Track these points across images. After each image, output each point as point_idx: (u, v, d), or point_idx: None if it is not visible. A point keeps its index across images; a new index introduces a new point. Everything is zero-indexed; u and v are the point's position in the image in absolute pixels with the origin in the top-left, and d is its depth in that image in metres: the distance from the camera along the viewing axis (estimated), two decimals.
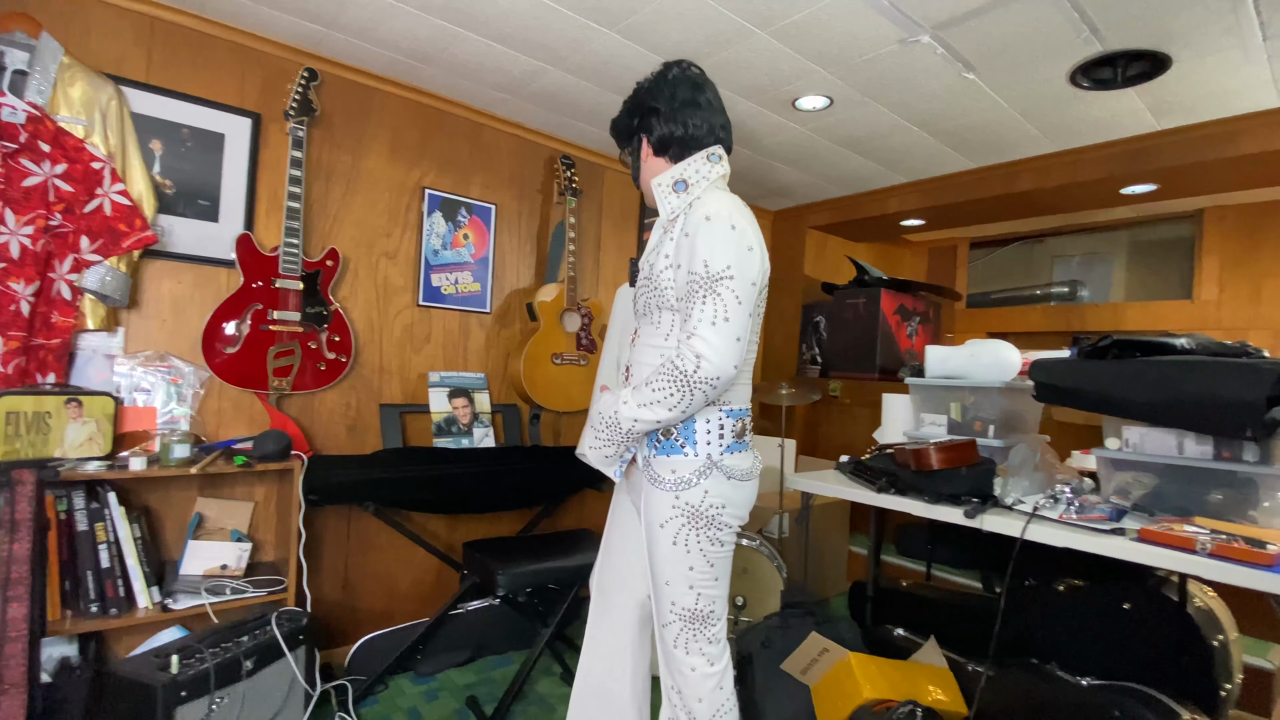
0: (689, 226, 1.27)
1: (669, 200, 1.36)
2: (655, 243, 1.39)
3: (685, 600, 1.33)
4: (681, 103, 1.38)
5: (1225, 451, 1.56)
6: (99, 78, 1.88)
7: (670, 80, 1.41)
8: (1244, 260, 3.27)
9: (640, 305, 1.40)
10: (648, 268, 1.37)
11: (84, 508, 1.74)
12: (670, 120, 1.38)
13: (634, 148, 1.48)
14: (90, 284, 1.85)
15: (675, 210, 1.35)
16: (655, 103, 1.40)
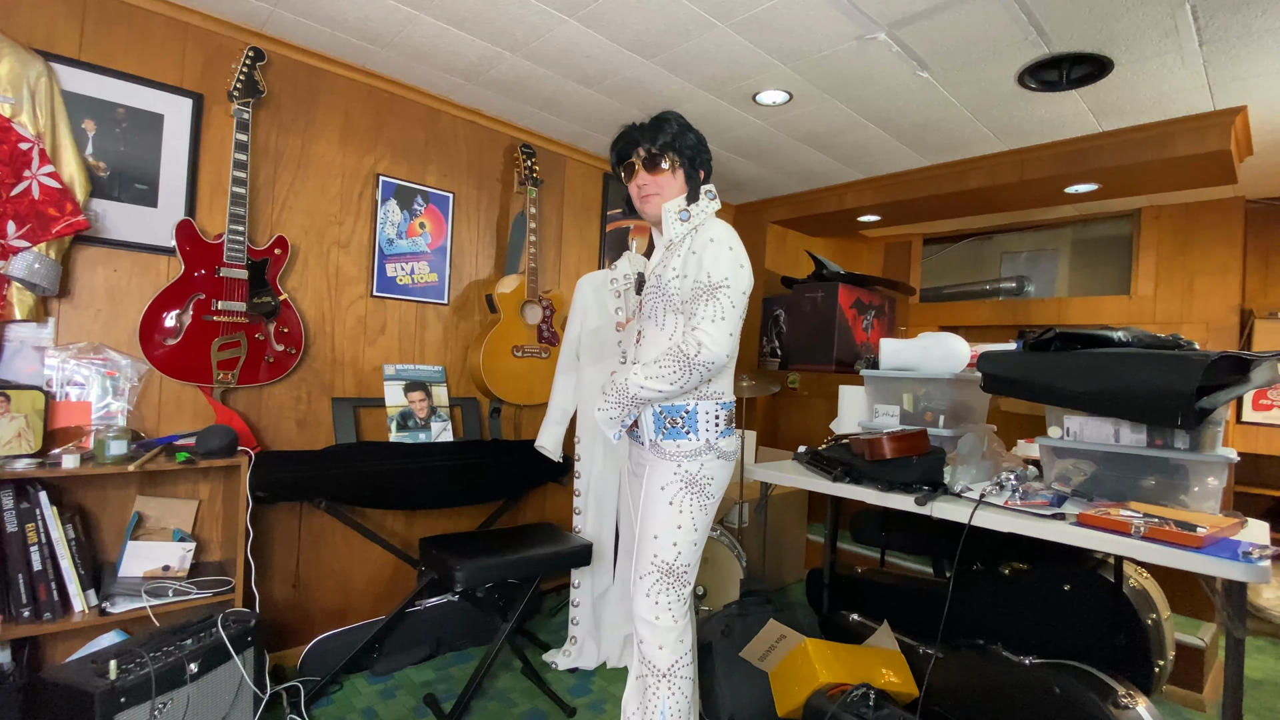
0: (696, 246, 1.57)
1: (674, 225, 1.64)
2: (659, 259, 1.68)
3: (666, 554, 1.58)
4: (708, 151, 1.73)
5: (1158, 439, 1.64)
6: (27, 53, 1.77)
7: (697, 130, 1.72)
8: (1177, 258, 3.43)
9: (647, 310, 1.68)
10: (655, 279, 1.66)
11: (13, 508, 1.65)
12: (708, 167, 1.72)
13: (673, 166, 1.64)
14: (17, 271, 1.74)
15: (679, 235, 1.63)
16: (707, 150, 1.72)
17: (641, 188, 1.68)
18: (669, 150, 1.64)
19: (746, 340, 4.19)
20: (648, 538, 1.60)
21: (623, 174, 1.73)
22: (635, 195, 1.71)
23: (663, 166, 1.64)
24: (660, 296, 1.63)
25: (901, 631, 2.02)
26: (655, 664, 1.57)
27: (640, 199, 1.69)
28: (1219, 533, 1.37)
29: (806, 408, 4.38)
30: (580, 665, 2.48)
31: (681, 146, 1.65)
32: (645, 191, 1.67)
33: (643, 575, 1.60)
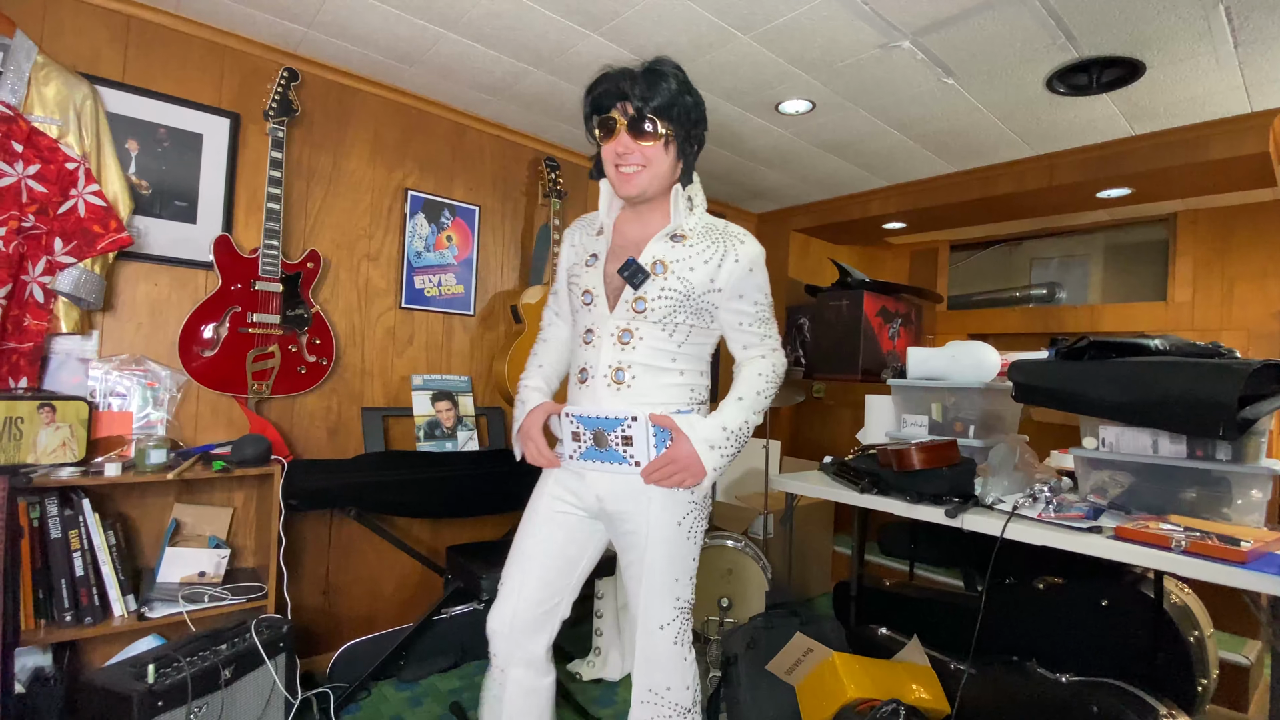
0: (743, 259, 1.37)
1: (681, 214, 1.38)
2: (663, 251, 1.36)
3: (687, 593, 1.42)
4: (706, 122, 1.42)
5: (1199, 450, 1.59)
6: (74, 77, 1.85)
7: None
8: (1216, 263, 3.33)
9: (654, 310, 1.35)
10: (676, 280, 1.34)
11: (57, 515, 1.71)
12: (703, 142, 1.41)
13: (668, 136, 1.32)
14: (64, 286, 1.81)
15: (686, 227, 1.38)
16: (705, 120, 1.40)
17: (622, 156, 1.32)
18: (664, 116, 1.29)
19: None
20: (668, 581, 1.38)
21: (597, 130, 1.35)
22: (610, 160, 1.35)
23: (654, 133, 1.30)
24: (682, 299, 1.35)
25: (932, 646, 1.98)
26: (684, 703, 1.40)
27: (617, 170, 1.34)
28: (1264, 547, 1.32)
29: (832, 417, 4.34)
30: (605, 676, 2.47)
31: (680, 113, 1.32)
32: (629, 161, 1.31)
33: (666, 625, 1.38)
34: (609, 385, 1.36)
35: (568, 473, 1.45)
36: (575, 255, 1.50)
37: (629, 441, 1.34)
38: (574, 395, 1.44)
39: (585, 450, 1.39)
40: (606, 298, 1.39)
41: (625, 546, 1.43)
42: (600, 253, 1.43)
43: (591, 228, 1.50)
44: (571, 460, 1.42)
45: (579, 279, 1.45)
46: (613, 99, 1.31)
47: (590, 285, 1.41)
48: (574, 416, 1.39)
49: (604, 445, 1.37)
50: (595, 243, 1.46)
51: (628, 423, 1.33)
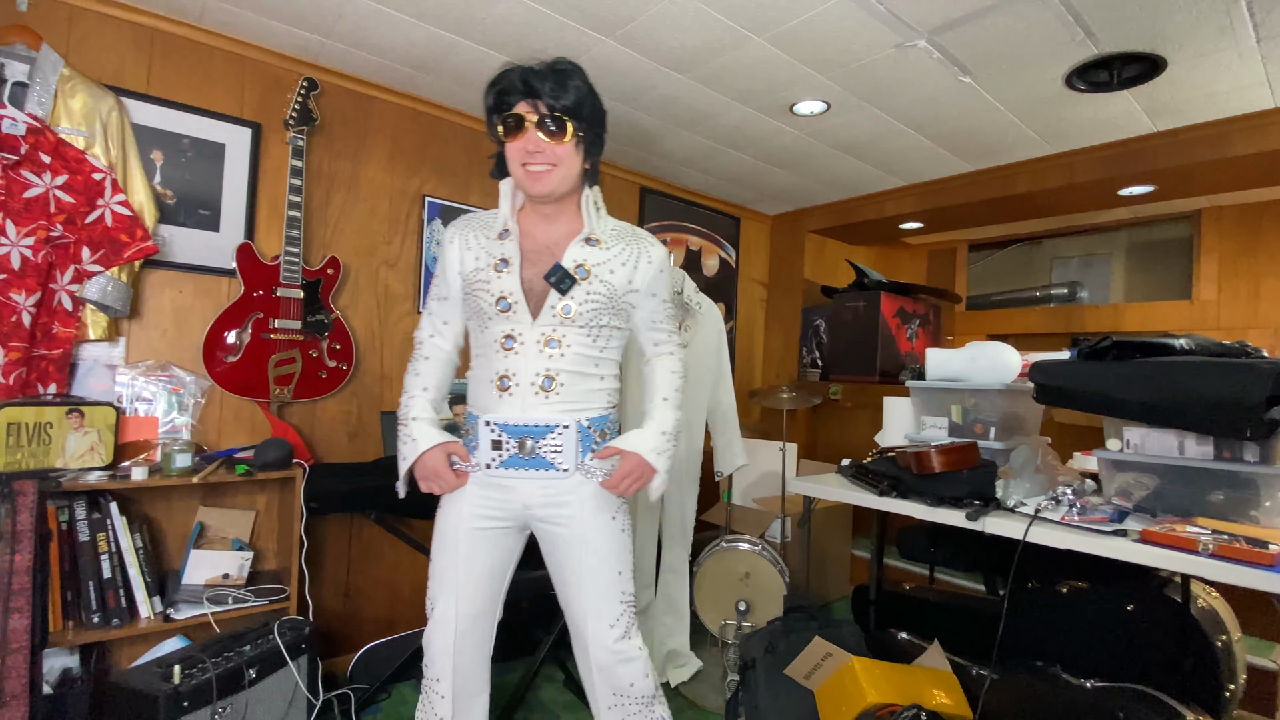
0: (655, 260, 1.44)
1: (594, 218, 1.42)
2: (584, 256, 1.38)
3: (630, 586, 1.45)
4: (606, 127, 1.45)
5: (1226, 452, 1.56)
6: (99, 89, 1.89)
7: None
8: (1242, 260, 3.27)
9: (581, 314, 1.35)
10: (599, 283, 1.37)
11: (85, 518, 1.74)
12: (603, 145, 1.45)
13: (576, 138, 1.33)
14: (91, 294, 1.85)
15: (599, 231, 1.42)
16: (606, 122, 1.42)
17: (532, 154, 1.30)
18: (575, 115, 1.29)
19: (786, 351, 4.15)
20: (612, 576, 1.40)
21: (500, 127, 1.33)
22: (517, 159, 1.32)
23: (565, 132, 1.29)
24: (607, 302, 1.37)
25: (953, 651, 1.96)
26: (648, 692, 1.43)
27: (527, 169, 1.32)
28: None
29: (849, 420, 4.31)
30: None
31: (590, 115, 1.32)
32: (539, 159, 1.30)
33: (614, 622, 1.40)
34: (537, 393, 1.35)
35: (485, 486, 1.40)
36: (475, 260, 1.40)
37: (558, 449, 1.36)
38: (491, 403, 1.37)
39: (508, 458, 1.36)
40: (528, 304, 1.36)
41: (557, 550, 1.43)
42: (511, 257, 1.38)
43: (488, 230, 1.43)
44: (489, 469, 1.38)
45: (487, 285, 1.37)
46: (519, 96, 1.29)
47: (506, 291, 1.35)
48: (497, 425, 1.35)
49: (531, 453, 1.35)
50: (500, 246, 1.40)
51: (558, 430, 1.35)
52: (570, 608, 1.44)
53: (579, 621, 1.42)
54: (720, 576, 2.65)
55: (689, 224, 3.73)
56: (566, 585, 1.43)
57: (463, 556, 1.41)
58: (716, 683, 2.52)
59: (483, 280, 1.38)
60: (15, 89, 1.77)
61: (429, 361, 1.52)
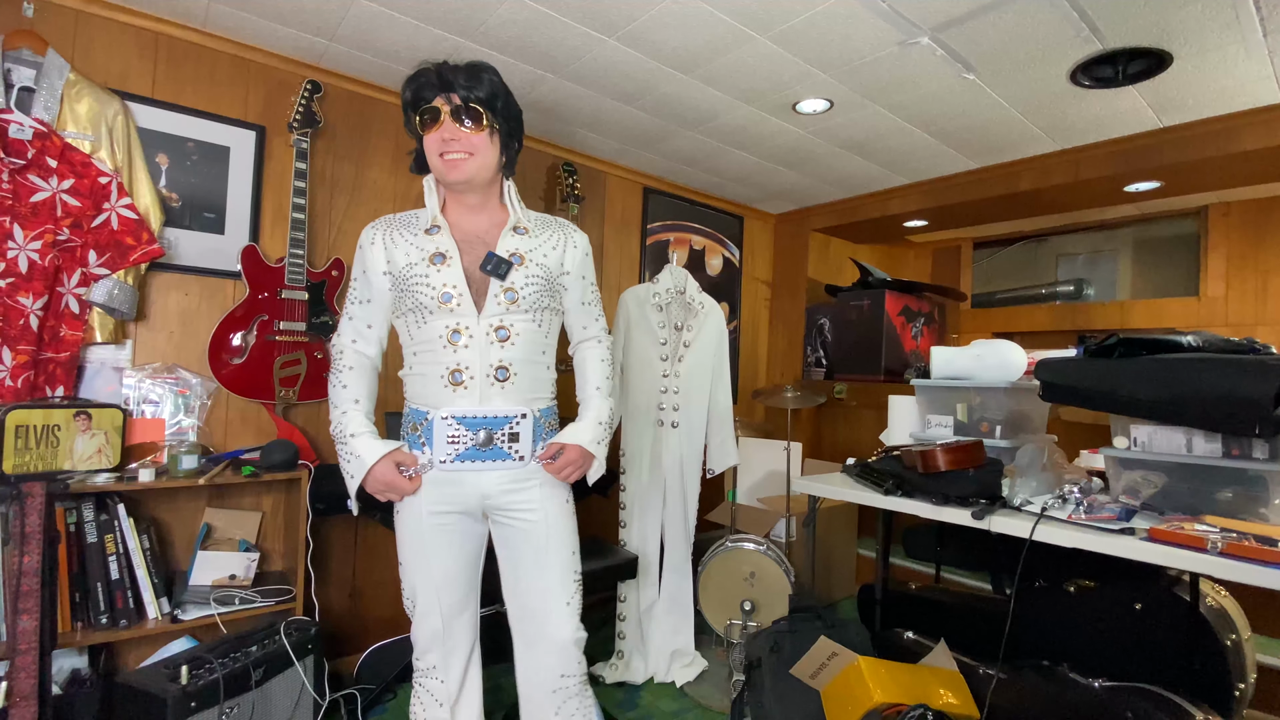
0: (580, 244, 1.52)
1: (516, 208, 1.48)
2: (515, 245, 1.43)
3: (578, 565, 1.52)
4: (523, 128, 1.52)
5: (1234, 449, 1.55)
6: (105, 93, 1.90)
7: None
8: (1249, 256, 3.25)
9: (525, 298, 1.39)
10: (535, 266, 1.42)
11: (93, 520, 1.75)
12: (520, 143, 1.51)
13: (491, 129, 1.37)
14: (98, 298, 1.86)
15: (525, 220, 1.47)
16: (521, 121, 1.48)
17: (448, 142, 1.34)
18: (488, 107, 1.34)
19: (790, 350, 4.15)
20: (566, 557, 1.47)
21: (418, 119, 1.37)
22: (435, 149, 1.35)
23: (479, 123, 1.34)
24: (546, 288, 1.43)
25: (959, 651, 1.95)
26: (584, 672, 1.50)
27: (444, 158, 1.35)
28: None
29: (854, 419, 4.30)
30: (627, 679, 2.47)
31: (504, 108, 1.38)
32: (455, 148, 1.34)
33: (570, 600, 1.46)
34: (493, 384, 1.38)
35: (440, 483, 1.41)
36: (405, 255, 1.40)
37: (515, 438, 1.40)
38: (443, 398, 1.38)
39: (464, 451, 1.38)
40: (472, 296, 1.37)
41: (519, 536, 1.46)
42: (448, 250, 1.39)
43: (412, 226, 1.44)
44: (444, 465, 1.39)
45: (426, 279, 1.37)
46: (434, 90, 1.34)
47: (449, 283, 1.36)
48: (454, 419, 1.37)
49: (489, 444, 1.38)
50: (430, 241, 1.40)
51: (516, 420, 1.40)
52: (529, 593, 1.46)
53: (539, 605, 1.45)
54: (725, 576, 2.65)
55: (693, 224, 3.73)
56: (526, 572, 1.46)
57: (430, 553, 1.43)
58: (722, 682, 2.51)
59: (419, 275, 1.38)
60: (22, 94, 1.78)
61: (354, 371, 1.49)
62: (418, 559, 1.45)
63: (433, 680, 1.48)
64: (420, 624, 1.47)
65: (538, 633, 1.46)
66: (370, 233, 1.45)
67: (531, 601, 1.46)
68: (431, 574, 1.44)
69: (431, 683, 1.48)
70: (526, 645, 1.50)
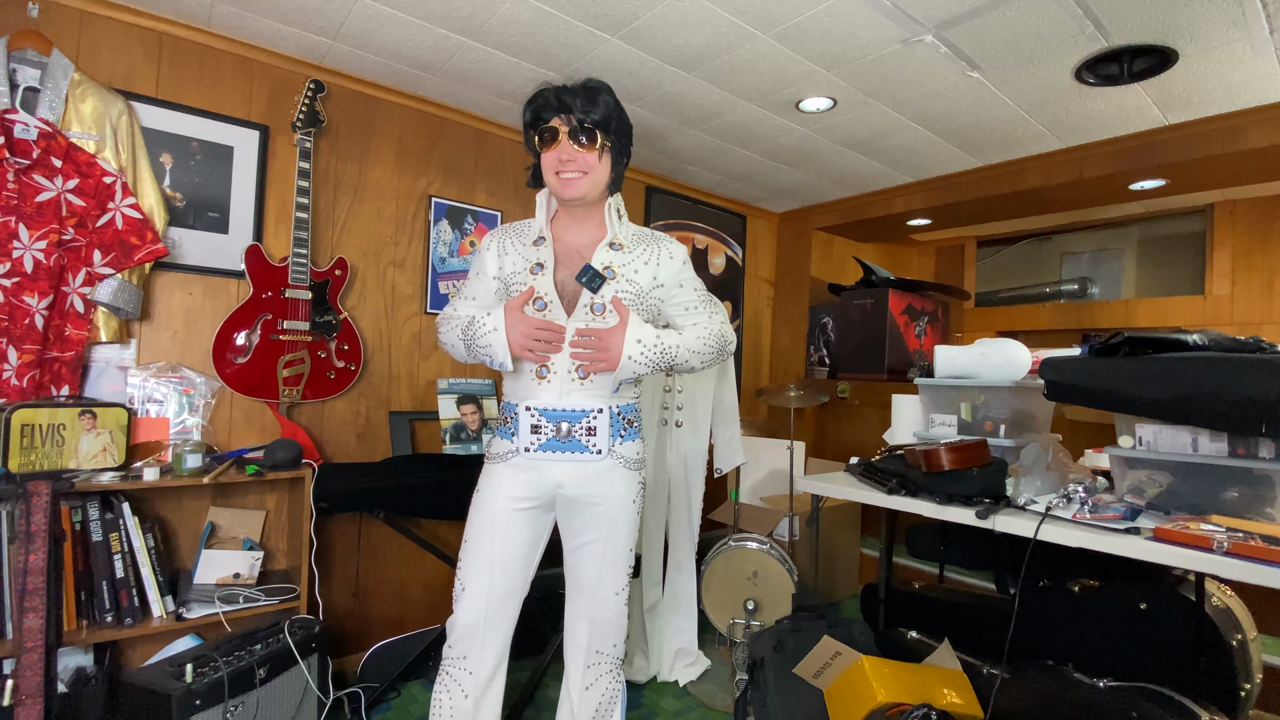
0: (676, 255, 1.56)
1: (616, 224, 1.54)
2: (610, 259, 1.50)
3: (633, 560, 1.59)
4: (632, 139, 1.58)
5: (1240, 448, 1.54)
6: (109, 93, 1.91)
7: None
8: (1256, 254, 3.23)
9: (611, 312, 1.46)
10: (626, 282, 1.49)
11: (98, 518, 1.76)
12: (630, 156, 1.56)
13: (603, 149, 1.45)
14: (103, 297, 1.87)
15: (622, 236, 1.53)
16: (632, 135, 1.55)
17: (565, 162, 1.43)
18: (603, 128, 1.43)
19: (793, 349, 4.14)
20: (624, 552, 1.54)
21: (537, 139, 1.46)
22: (551, 167, 1.45)
23: (593, 143, 1.42)
24: (635, 300, 1.50)
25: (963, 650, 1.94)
26: (621, 654, 1.58)
27: (560, 175, 1.44)
28: None
29: (857, 418, 4.29)
30: (630, 679, 2.47)
31: (617, 127, 1.46)
32: (571, 167, 1.43)
33: (620, 590, 1.55)
34: (573, 381, 1.46)
35: (519, 469, 1.49)
36: (513, 263, 1.51)
37: (592, 432, 1.46)
38: (529, 390, 1.47)
39: (545, 442, 1.46)
40: (562, 302, 1.46)
41: (586, 527, 1.52)
42: (546, 261, 1.49)
43: (524, 236, 1.55)
44: (528, 453, 1.46)
45: (523, 285, 1.48)
46: (553, 111, 1.42)
47: (542, 291, 1.46)
48: (536, 410, 1.45)
49: (568, 436, 1.46)
50: (535, 251, 1.51)
51: (593, 415, 1.46)
52: (584, 572, 1.54)
53: (591, 584, 1.53)
54: (728, 575, 2.65)
55: (695, 222, 3.72)
56: (589, 552, 1.53)
57: (500, 536, 1.49)
58: (725, 682, 2.51)
59: (520, 283, 1.49)
60: (27, 94, 1.79)
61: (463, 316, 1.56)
62: (485, 538, 1.50)
63: (461, 671, 1.51)
64: (463, 611, 1.51)
65: (585, 609, 1.54)
66: (489, 239, 1.57)
67: (586, 582, 1.54)
68: (494, 555, 1.49)
69: (459, 673, 1.51)
70: (574, 619, 1.58)
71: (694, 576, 2.62)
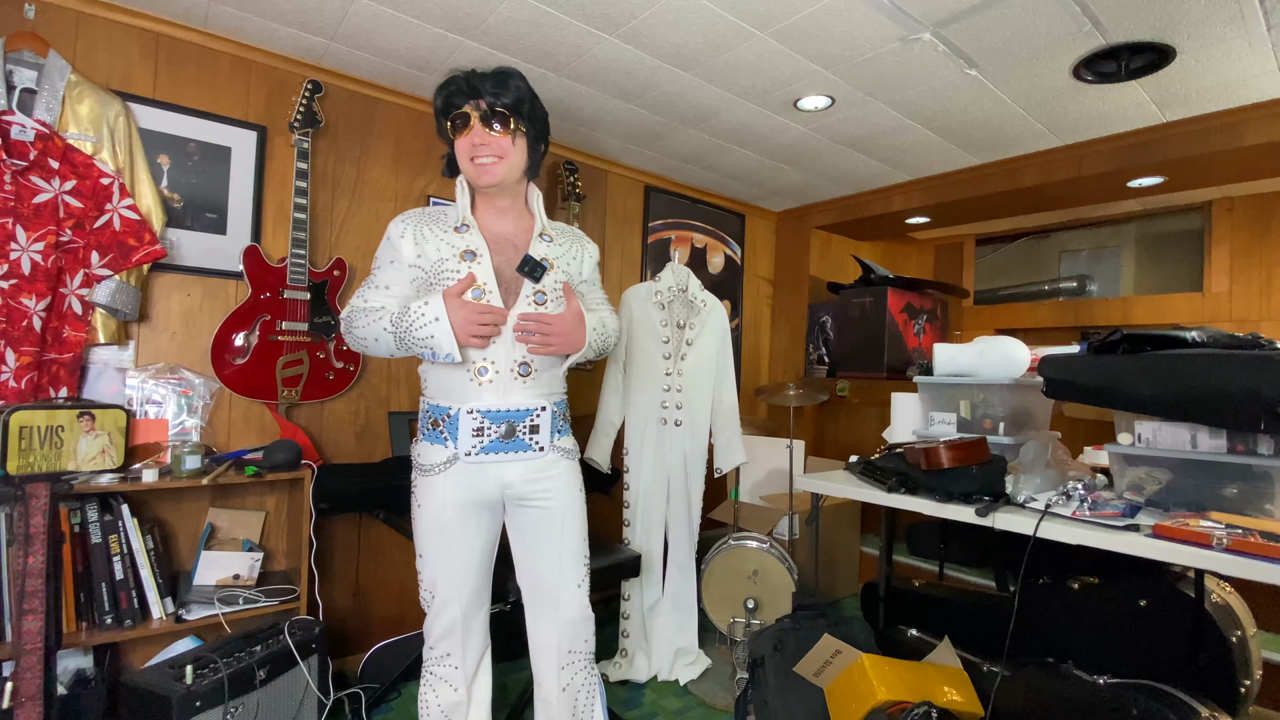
0: (593, 253, 1.64)
1: (542, 216, 1.57)
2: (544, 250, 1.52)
3: (588, 549, 1.59)
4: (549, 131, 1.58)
5: (1239, 445, 1.55)
6: (106, 94, 1.90)
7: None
8: (1254, 251, 3.24)
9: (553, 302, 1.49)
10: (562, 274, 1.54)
11: (97, 520, 1.76)
12: (547, 147, 1.56)
13: (517, 132, 1.44)
14: (101, 298, 1.86)
15: (549, 228, 1.56)
16: (548, 125, 1.54)
17: (478, 146, 1.41)
18: (515, 112, 1.41)
19: (793, 348, 4.14)
20: (578, 543, 1.55)
21: (449, 125, 1.43)
22: (465, 153, 1.43)
23: (506, 127, 1.41)
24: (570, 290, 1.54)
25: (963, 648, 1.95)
26: (592, 650, 1.59)
27: (474, 160, 1.42)
28: None
29: (856, 416, 4.29)
30: (631, 678, 2.47)
31: (530, 111, 1.44)
32: (485, 152, 1.41)
33: (580, 583, 1.55)
34: (516, 379, 1.45)
35: (461, 475, 1.45)
36: (435, 250, 1.44)
37: (535, 430, 1.47)
38: (466, 391, 1.43)
39: (489, 444, 1.44)
40: (500, 293, 1.43)
41: (536, 524, 1.52)
42: (477, 248, 1.45)
43: (441, 223, 1.48)
44: (468, 458, 1.43)
45: (456, 273, 1.41)
46: (464, 97, 1.40)
47: (480, 280, 1.42)
48: (479, 412, 1.42)
49: (511, 436, 1.45)
50: (461, 239, 1.46)
51: (536, 413, 1.47)
52: (544, 575, 1.54)
53: (552, 585, 1.53)
54: (728, 574, 2.65)
55: (694, 221, 3.72)
56: (544, 555, 1.53)
57: (452, 543, 1.48)
58: (725, 681, 2.51)
59: (450, 270, 1.43)
60: (24, 95, 1.78)
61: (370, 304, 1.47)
62: (440, 550, 1.48)
63: (446, 667, 1.52)
64: (438, 615, 1.51)
65: (550, 610, 1.54)
66: (400, 225, 1.48)
67: (545, 582, 1.54)
68: (455, 564, 1.48)
69: (445, 669, 1.53)
70: (538, 622, 1.57)
71: (694, 576, 2.62)
